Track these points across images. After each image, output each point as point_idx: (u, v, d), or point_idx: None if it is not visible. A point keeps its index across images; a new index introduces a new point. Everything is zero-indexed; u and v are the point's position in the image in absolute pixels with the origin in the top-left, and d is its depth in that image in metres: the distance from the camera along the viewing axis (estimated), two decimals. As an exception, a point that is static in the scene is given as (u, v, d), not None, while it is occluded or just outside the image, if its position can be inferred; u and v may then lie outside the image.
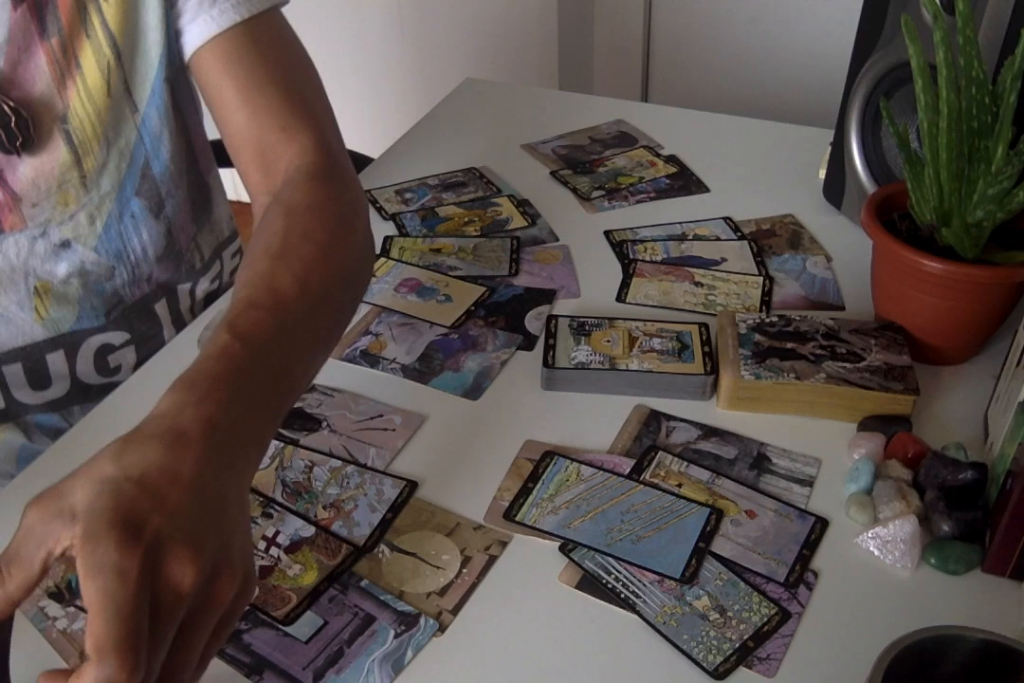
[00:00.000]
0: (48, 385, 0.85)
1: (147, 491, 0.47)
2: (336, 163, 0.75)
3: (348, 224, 0.70)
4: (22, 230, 0.77)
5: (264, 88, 0.76)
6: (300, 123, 0.75)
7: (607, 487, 0.70)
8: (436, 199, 1.04)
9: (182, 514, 0.47)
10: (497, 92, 1.29)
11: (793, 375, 0.75)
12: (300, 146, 0.75)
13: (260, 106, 0.76)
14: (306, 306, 0.62)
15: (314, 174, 0.73)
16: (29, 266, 0.79)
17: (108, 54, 0.75)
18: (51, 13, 0.72)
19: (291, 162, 0.74)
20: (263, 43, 0.77)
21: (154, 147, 0.82)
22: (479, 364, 0.82)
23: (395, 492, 0.70)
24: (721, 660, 0.59)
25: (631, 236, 0.98)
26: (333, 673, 0.58)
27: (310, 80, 0.80)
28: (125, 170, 0.81)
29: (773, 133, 1.16)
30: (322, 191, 0.71)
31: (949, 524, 0.65)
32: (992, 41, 0.76)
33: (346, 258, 0.68)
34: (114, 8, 0.74)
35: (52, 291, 0.81)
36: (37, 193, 0.76)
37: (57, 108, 0.75)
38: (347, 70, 2.07)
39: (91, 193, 0.79)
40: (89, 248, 0.81)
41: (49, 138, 0.75)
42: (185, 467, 0.49)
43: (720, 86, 1.80)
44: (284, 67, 0.78)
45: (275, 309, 0.60)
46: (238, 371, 0.55)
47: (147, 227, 0.85)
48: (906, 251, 0.75)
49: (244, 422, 0.54)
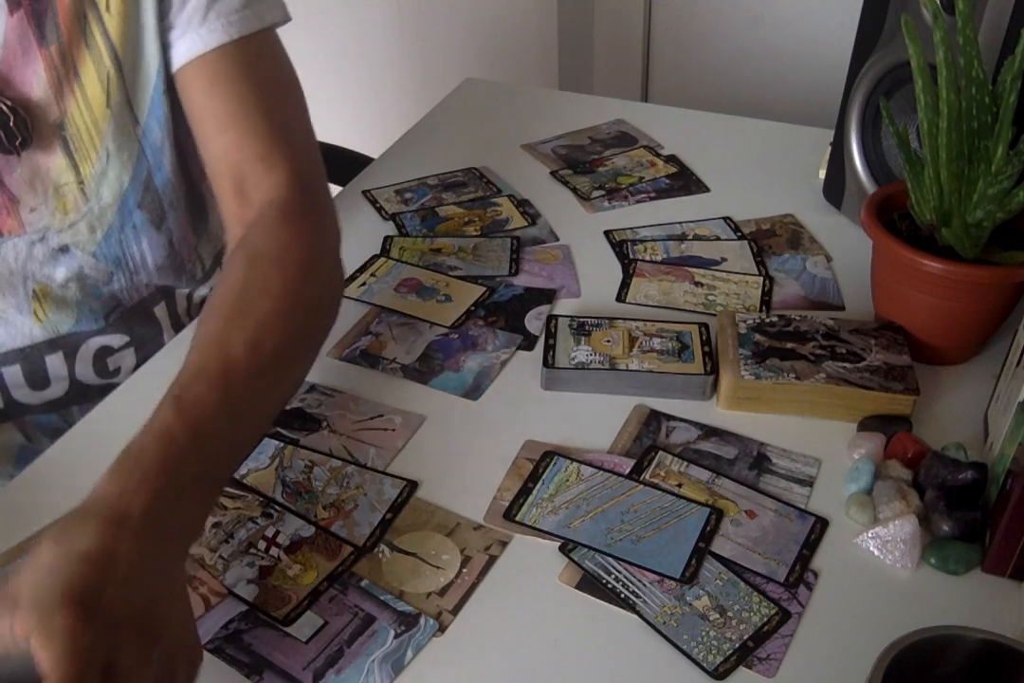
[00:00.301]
0: (47, 386, 0.85)
1: (94, 566, 0.49)
2: (311, 197, 0.75)
3: (311, 272, 0.70)
4: (20, 235, 0.77)
5: (247, 115, 0.75)
6: (279, 154, 0.75)
7: (607, 487, 0.70)
8: (436, 199, 1.04)
9: (131, 586, 0.50)
10: (497, 92, 1.29)
11: (793, 375, 0.75)
12: (276, 179, 0.74)
13: (241, 133, 0.75)
14: (256, 370, 0.63)
15: (285, 212, 0.73)
16: (28, 270, 0.79)
17: (108, 65, 0.75)
18: (50, 20, 0.71)
19: (266, 195, 0.74)
20: (250, 66, 0.76)
21: (156, 160, 0.81)
22: (479, 364, 0.82)
23: (395, 492, 0.70)
24: (721, 660, 0.59)
25: (631, 236, 0.98)
26: (333, 673, 0.58)
27: (294, 106, 0.79)
28: (128, 183, 0.80)
29: (773, 133, 1.16)
30: (288, 234, 0.71)
31: (949, 524, 0.65)
32: (992, 41, 0.76)
33: (304, 310, 0.69)
34: (116, 19, 0.73)
35: (51, 294, 0.81)
36: (34, 196, 0.76)
37: (54, 114, 0.74)
38: (347, 70, 2.07)
39: (91, 202, 0.79)
40: (87, 253, 0.81)
41: (47, 142, 0.75)
42: (123, 547, 0.51)
43: (720, 86, 1.80)
44: (269, 92, 0.77)
45: (222, 381, 0.61)
46: (178, 459, 0.57)
47: (148, 237, 0.84)
48: (906, 251, 0.75)
49: (179, 508, 0.56)
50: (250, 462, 0.72)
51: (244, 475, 0.71)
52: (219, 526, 0.67)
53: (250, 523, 0.68)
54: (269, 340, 0.65)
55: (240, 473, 0.71)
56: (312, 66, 1.06)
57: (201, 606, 0.62)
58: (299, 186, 0.75)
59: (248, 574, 0.64)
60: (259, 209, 0.73)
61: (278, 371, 0.66)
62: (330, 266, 0.74)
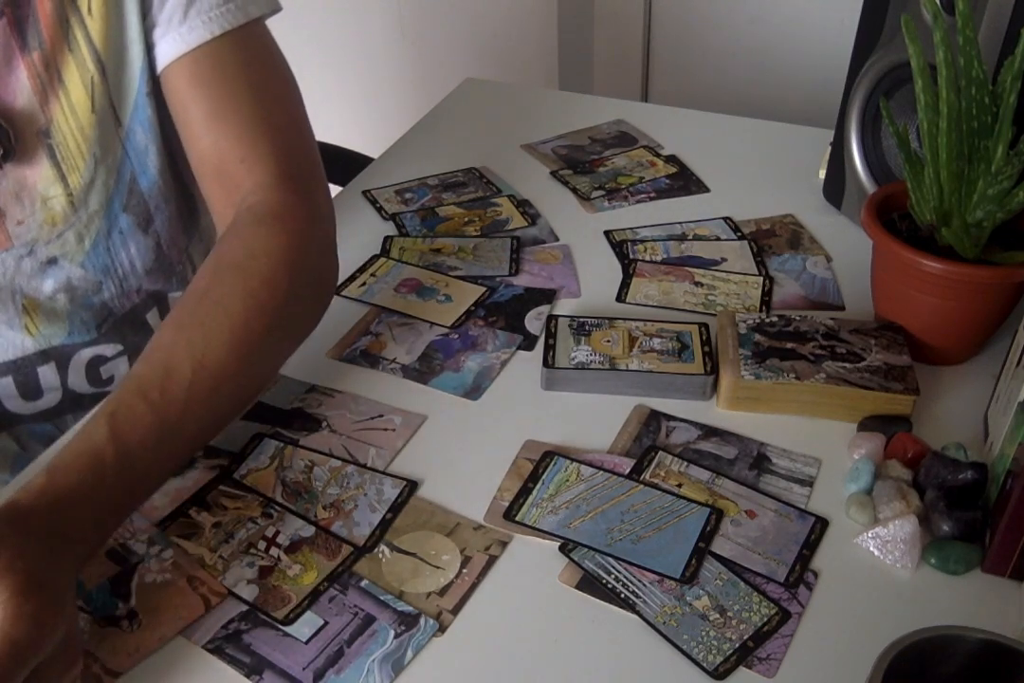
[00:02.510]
0: (40, 396, 0.84)
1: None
2: (295, 196, 0.73)
3: (282, 278, 0.69)
4: (8, 249, 0.76)
5: (228, 116, 0.73)
6: (260, 154, 0.73)
7: (607, 487, 0.70)
8: (436, 199, 1.04)
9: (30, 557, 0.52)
10: (497, 92, 1.29)
11: (793, 375, 0.75)
12: (256, 180, 0.73)
13: (221, 135, 0.73)
14: (198, 387, 0.63)
15: (261, 216, 0.71)
16: (16, 284, 0.78)
17: (92, 70, 0.73)
18: (32, 27, 0.70)
19: (246, 198, 0.73)
20: (235, 64, 0.74)
21: (140, 162, 0.80)
22: (479, 364, 0.82)
23: (395, 492, 0.70)
24: (721, 660, 0.59)
25: (631, 236, 0.98)
26: (333, 673, 0.58)
27: (283, 102, 0.77)
28: (113, 187, 0.79)
29: (773, 133, 1.16)
30: (261, 239, 0.70)
31: (949, 524, 0.65)
32: (992, 41, 0.76)
33: (264, 325, 0.67)
34: (98, 22, 0.72)
35: (40, 307, 0.80)
36: (21, 209, 0.75)
37: (40, 122, 0.73)
38: (347, 70, 2.07)
39: (79, 212, 0.77)
40: (76, 264, 0.80)
41: (32, 151, 0.73)
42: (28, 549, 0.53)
43: (720, 86, 1.80)
44: (254, 90, 0.75)
45: (161, 403, 0.61)
46: (103, 485, 0.58)
47: (135, 242, 0.83)
48: (906, 251, 0.75)
49: (93, 531, 0.58)
50: (250, 462, 0.72)
51: (244, 475, 0.71)
52: (219, 526, 0.67)
53: (250, 523, 0.68)
54: (216, 356, 0.64)
55: (240, 473, 0.71)
56: (312, 66, 1.06)
57: (201, 606, 0.62)
58: (282, 186, 0.73)
59: (248, 574, 0.64)
60: (237, 210, 0.72)
61: (223, 388, 0.65)
62: (311, 267, 0.72)
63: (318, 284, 0.74)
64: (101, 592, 0.63)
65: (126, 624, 0.61)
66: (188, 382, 0.62)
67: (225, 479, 0.71)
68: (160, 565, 0.64)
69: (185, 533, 0.67)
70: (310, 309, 0.74)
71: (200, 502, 0.69)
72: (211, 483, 0.70)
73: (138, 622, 0.61)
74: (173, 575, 0.64)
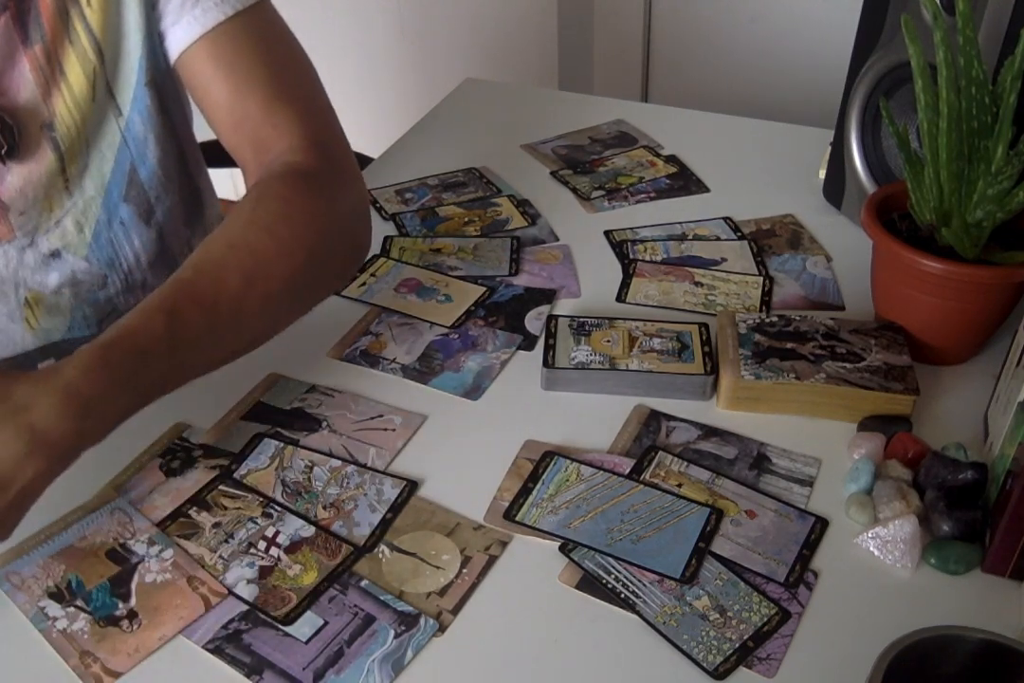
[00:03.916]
0: None
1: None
2: (326, 160, 0.75)
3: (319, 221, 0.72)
4: (11, 240, 0.77)
5: (255, 90, 0.75)
6: (290, 122, 0.75)
7: (607, 487, 0.70)
8: (436, 199, 1.04)
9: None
10: (497, 92, 1.29)
11: (793, 375, 0.75)
12: (288, 143, 0.75)
13: (253, 106, 0.75)
14: (245, 305, 0.67)
15: (298, 170, 0.73)
16: (19, 277, 0.79)
17: (92, 60, 0.74)
18: (34, 20, 0.71)
19: (278, 156, 0.74)
20: (251, 41, 0.76)
21: (139, 152, 0.81)
22: (479, 364, 0.82)
23: (395, 492, 0.70)
24: (721, 660, 0.59)
25: (631, 236, 0.98)
26: (333, 673, 0.58)
27: (302, 74, 0.79)
28: (109, 174, 0.80)
29: (773, 133, 1.16)
30: (301, 188, 0.72)
31: (949, 524, 0.65)
32: (992, 41, 0.76)
33: (301, 261, 0.70)
34: (97, 13, 0.73)
35: (43, 301, 0.80)
36: (24, 202, 0.76)
37: (43, 115, 0.74)
38: (347, 70, 2.07)
39: (75, 197, 0.78)
40: (80, 257, 0.81)
41: (36, 146, 0.74)
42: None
43: (720, 86, 1.80)
44: (275, 65, 0.77)
45: (212, 309, 0.65)
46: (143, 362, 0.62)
47: (138, 233, 0.84)
48: (906, 251, 0.75)
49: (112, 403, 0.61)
50: (250, 462, 0.72)
51: (244, 475, 0.71)
52: (219, 526, 0.67)
53: (250, 523, 0.68)
54: (265, 276, 0.68)
55: (240, 473, 0.71)
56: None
57: (201, 606, 0.62)
58: (313, 150, 0.75)
59: (248, 574, 0.64)
60: (270, 164, 0.74)
61: (268, 307, 0.69)
62: (340, 230, 0.75)
63: (353, 243, 0.78)
64: (101, 592, 0.63)
65: (126, 624, 0.61)
66: (236, 300, 0.66)
67: (225, 479, 0.71)
68: (160, 565, 0.64)
69: (185, 533, 0.67)
70: (349, 254, 0.78)
71: (200, 502, 0.69)
72: (211, 483, 0.70)
73: (138, 622, 0.61)
74: (173, 575, 0.64)
